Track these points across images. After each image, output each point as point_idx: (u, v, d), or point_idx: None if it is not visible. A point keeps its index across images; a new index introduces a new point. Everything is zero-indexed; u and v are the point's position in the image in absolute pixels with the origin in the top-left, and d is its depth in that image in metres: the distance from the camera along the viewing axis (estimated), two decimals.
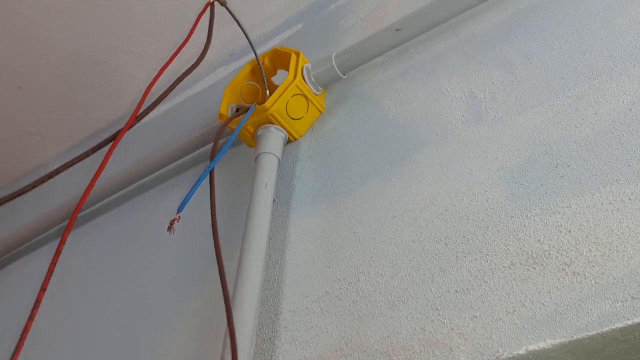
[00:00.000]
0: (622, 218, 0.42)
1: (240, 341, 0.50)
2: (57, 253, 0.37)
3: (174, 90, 0.58)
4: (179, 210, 0.49)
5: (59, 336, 0.76)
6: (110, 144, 0.45)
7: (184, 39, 0.55)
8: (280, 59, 0.71)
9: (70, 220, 0.39)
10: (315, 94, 0.69)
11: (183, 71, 0.56)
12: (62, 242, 0.37)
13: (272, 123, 0.67)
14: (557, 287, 0.42)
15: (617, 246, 0.41)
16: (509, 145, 0.52)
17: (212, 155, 0.57)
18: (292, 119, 0.68)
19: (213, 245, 0.67)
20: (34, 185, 0.47)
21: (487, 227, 0.48)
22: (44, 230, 0.91)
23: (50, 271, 0.38)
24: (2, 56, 0.90)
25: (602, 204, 0.44)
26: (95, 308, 0.75)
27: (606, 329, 0.38)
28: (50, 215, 0.90)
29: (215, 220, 0.51)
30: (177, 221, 0.49)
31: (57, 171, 0.48)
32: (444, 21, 0.65)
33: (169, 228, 0.49)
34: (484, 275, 0.45)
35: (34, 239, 0.93)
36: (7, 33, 0.87)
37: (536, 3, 0.61)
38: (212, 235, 0.69)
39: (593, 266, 0.41)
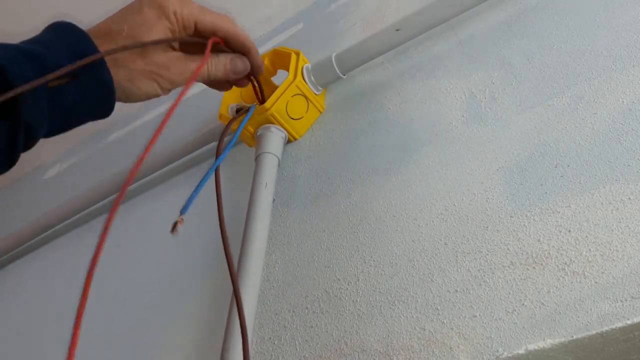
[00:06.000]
0: (622, 218, 0.42)
1: (240, 341, 0.50)
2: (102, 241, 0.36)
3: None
4: (182, 212, 0.48)
5: (56, 336, 0.76)
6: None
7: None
8: (280, 59, 0.71)
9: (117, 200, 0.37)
10: (315, 94, 0.70)
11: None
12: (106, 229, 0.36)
13: (272, 123, 0.67)
14: (556, 287, 0.42)
15: (617, 246, 0.41)
16: (509, 145, 0.52)
17: (218, 153, 0.57)
18: (292, 119, 0.68)
19: (218, 245, 0.68)
20: None
21: (487, 227, 0.48)
22: (47, 228, 0.91)
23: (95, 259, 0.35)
24: None
25: (602, 203, 0.44)
26: (95, 308, 0.75)
27: (606, 328, 0.38)
28: (52, 215, 0.90)
29: (222, 216, 0.51)
30: (180, 224, 0.48)
31: None
32: (444, 21, 0.65)
33: (172, 230, 0.48)
34: (484, 275, 0.45)
35: (36, 238, 0.93)
36: (6, 33, 0.87)
37: (536, 3, 0.61)
38: (216, 234, 0.69)
39: (593, 266, 0.41)
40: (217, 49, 0.52)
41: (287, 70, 0.68)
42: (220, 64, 0.52)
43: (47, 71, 0.40)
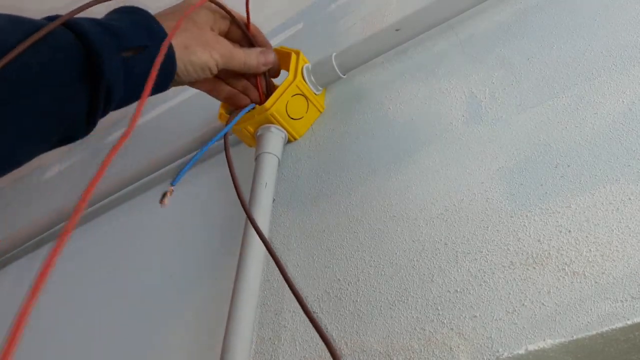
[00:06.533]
0: (622, 218, 0.42)
1: (240, 341, 0.50)
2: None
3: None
4: (173, 184, 0.50)
5: (58, 336, 0.76)
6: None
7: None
8: (280, 58, 0.71)
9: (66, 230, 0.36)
10: (315, 94, 0.69)
11: None
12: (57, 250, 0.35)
13: (272, 123, 0.67)
14: (557, 287, 0.42)
15: (617, 246, 0.41)
16: (509, 145, 0.52)
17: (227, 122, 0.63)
18: (292, 119, 0.68)
19: (218, 245, 0.67)
20: None
21: (487, 227, 0.48)
22: (47, 228, 0.91)
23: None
24: None
25: (602, 203, 0.44)
26: (95, 308, 0.75)
27: (606, 328, 0.38)
28: (52, 215, 0.90)
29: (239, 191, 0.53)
30: (170, 194, 0.49)
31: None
32: (444, 21, 0.65)
33: (161, 201, 0.49)
34: (484, 275, 0.45)
35: (36, 238, 0.93)
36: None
37: (536, 3, 0.61)
38: (216, 235, 0.69)
39: (593, 266, 0.41)
40: (247, 44, 0.63)
41: (287, 70, 0.68)
42: (253, 54, 0.61)
43: (120, 39, 0.46)
